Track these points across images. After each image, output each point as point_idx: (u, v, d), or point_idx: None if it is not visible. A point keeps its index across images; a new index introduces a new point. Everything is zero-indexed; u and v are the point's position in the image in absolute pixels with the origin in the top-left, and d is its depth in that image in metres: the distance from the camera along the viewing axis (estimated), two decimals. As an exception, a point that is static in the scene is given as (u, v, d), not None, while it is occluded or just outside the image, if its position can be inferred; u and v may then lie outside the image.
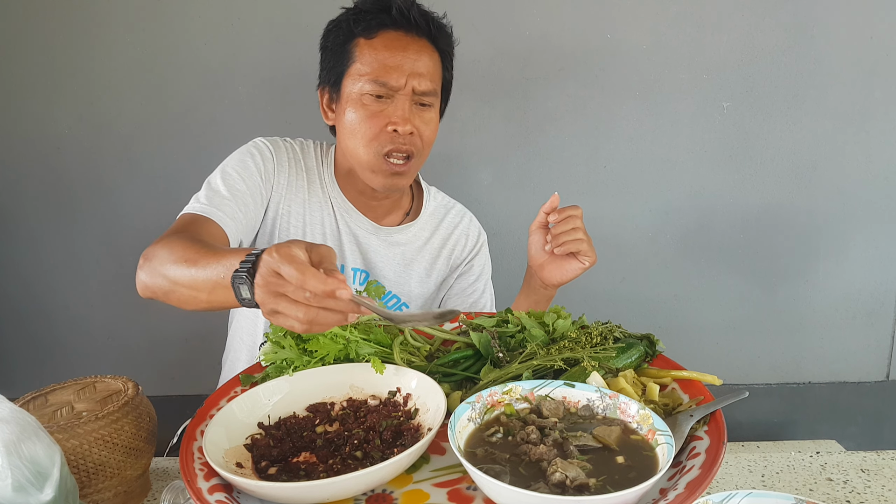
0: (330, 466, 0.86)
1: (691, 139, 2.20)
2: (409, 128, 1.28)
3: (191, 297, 0.97)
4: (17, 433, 0.84)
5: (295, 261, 0.78)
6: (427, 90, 1.29)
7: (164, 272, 1.00)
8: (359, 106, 1.29)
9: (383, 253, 1.46)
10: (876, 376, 2.46)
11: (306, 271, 0.77)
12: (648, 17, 2.09)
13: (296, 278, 0.76)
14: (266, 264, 0.79)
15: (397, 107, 1.28)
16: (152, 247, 1.06)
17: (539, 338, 1.04)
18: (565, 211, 1.30)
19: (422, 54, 1.29)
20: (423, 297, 1.52)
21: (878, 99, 2.17)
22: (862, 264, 2.33)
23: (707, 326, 2.37)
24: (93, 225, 2.20)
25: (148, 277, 1.04)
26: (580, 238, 1.29)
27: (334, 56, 1.33)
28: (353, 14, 1.31)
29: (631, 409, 0.87)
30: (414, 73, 1.27)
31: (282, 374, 1.03)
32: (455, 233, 1.55)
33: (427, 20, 1.30)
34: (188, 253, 0.98)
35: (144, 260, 1.05)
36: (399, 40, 1.28)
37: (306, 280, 0.76)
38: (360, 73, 1.28)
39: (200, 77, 2.08)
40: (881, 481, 1.07)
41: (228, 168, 1.32)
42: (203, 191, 1.27)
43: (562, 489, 0.74)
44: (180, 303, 1.00)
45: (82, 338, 2.29)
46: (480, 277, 1.58)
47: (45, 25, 2.02)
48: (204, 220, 1.19)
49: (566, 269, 1.34)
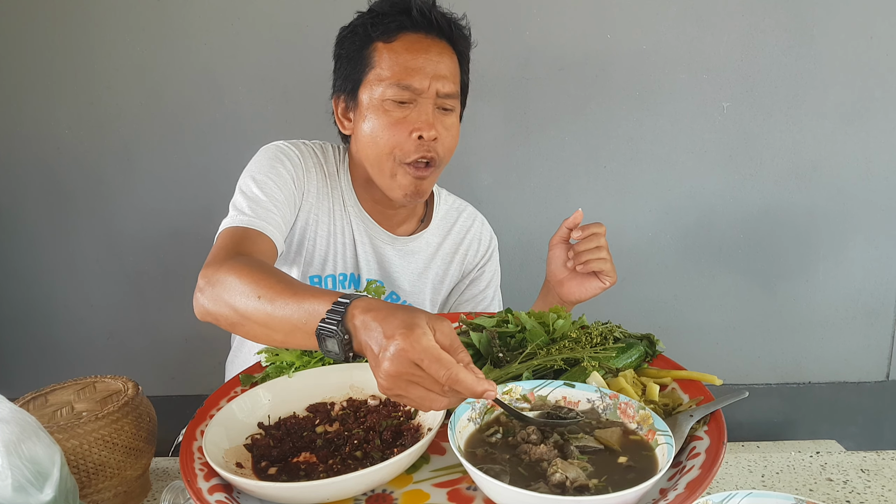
0: (330, 466, 0.86)
1: (691, 139, 2.20)
2: (433, 133, 1.22)
3: (264, 334, 0.91)
4: (17, 433, 0.84)
5: (441, 359, 0.71)
6: (450, 92, 1.25)
7: (232, 303, 0.92)
8: (380, 112, 1.23)
9: (398, 263, 1.43)
10: (876, 376, 2.46)
11: (458, 373, 0.71)
12: (648, 17, 2.09)
13: (444, 378, 0.71)
14: (402, 353, 0.72)
15: (421, 111, 1.23)
16: (215, 269, 0.98)
17: (539, 338, 1.04)
18: (589, 228, 1.26)
19: (443, 56, 1.24)
20: (435, 304, 1.50)
21: (878, 99, 2.17)
22: (862, 264, 2.33)
23: (707, 326, 2.37)
24: (93, 225, 2.20)
25: (211, 304, 0.97)
26: (604, 257, 1.26)
27: (350, 63, 1.28)
28: (369, 18, 1.25)
29: (631, 410, 0.87)
30: (437, 75, 1.22)
31: (282, 374, 1.03)
32: (467, 237, 1.51)
33: (448, 21, 1.26)
34: (261, 287, 0.90)
35: (207, 284, 0.98)
36: (420, 42, 1.23)
37: (457, 383, 0.71)
38: (380, 77, 1.23)
39: (200, 77, 2.08)
40: (881, 481, 1.07)
41: (260, 175, 1.26)
42: (242, 200, 1.21)
43: (562, 489, 0.74)
44: (249, 336, 0.94)
45: (82, 338, 2.29)
46: (490, 284, 1.54)
47: (44, 25, 2.02)
48: (256, 234, 1.15)
49: (586, 287, 1.31)
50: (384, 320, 0.76)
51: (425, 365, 0.71)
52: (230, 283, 0.94)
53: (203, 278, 0.99)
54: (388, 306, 0.78)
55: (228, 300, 0.93)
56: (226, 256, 1.04)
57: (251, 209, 1.19)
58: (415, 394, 0.74)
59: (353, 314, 0.79)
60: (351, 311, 0.79)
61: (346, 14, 1.32)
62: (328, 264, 1.37)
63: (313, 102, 1.40)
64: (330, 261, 1.37)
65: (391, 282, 1.43)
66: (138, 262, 2.23)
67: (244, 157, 1.34)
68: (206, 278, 0.98)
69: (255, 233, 1.15)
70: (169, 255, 2.22)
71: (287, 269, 1.36)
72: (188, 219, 2.18)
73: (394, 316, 0.75)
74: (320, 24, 1.36)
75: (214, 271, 0.98)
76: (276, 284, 0.90)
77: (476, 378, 0.73)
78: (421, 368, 0.72)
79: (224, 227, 1.17)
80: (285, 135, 1.48)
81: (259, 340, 0.94)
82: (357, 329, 0.78)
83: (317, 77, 1.40)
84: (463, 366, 0.73)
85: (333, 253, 1.37)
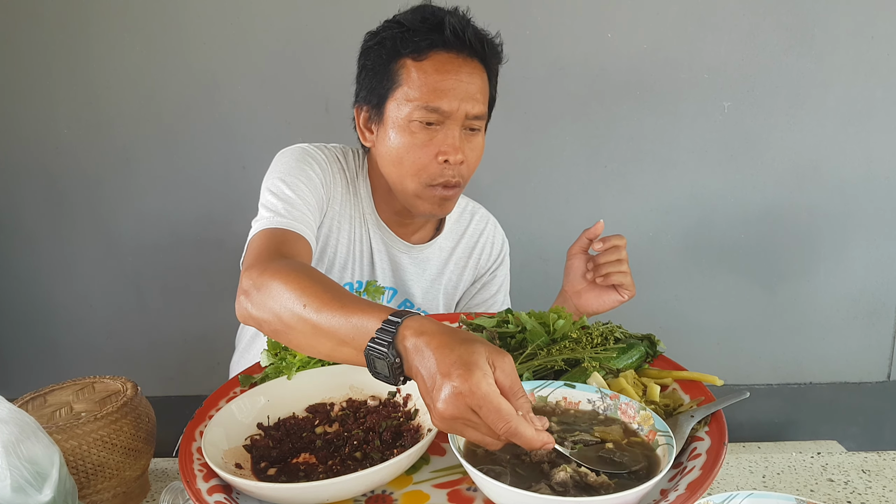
0: (329, 467, 0.86)
1: (692, 139, 2.19)
2: (460, 157, 1.19)
3: (308, 345, 0.87)
4: (15, 434, 0.84)
5: (501, 411, 0.67)
6: (479, 113, 1.21)
7: (277, 311, 0.87)
8: (406, 133, 1.19)
9: (412, 271, 1.41)
10: (877, 377, 2.46)
11: (517, 427, 0.68)
12: (649, 17, 2.09)
13: (503, 431, 0.67)
14: (460, 398, 0.67)
15: (447, 134, 1.19)
16: (260, 273, 0.93)
17: (539, 338, 1.04)
18: (610, 240, 1.24)
19: (474, 76, 1.20)
20: (449, 309, 1.48)
21: (878, 99, 2.17)
22: (863, 264, 2.33)
23: (708, 327, 2.37)
24: (92, 225, 2.19)
25: (256, 310, 0.91)
26: (624, 270, 1.24)
27: (376, 76, 1.23)
28: (398, 32, 1.19)
29: (631, 410, 0.87)
30: (467, 96, 1.18)
31: (281, 374, 1.03)
32: (480, 240, 1.48)
33: (481, 41, 1.21)
34: (307, 295, 0.85)
35: (253, 287, 0.92)
36: (451, 62, 1.18)
37: (516, 436, 0.68)
38: (407, 97, 1.18)
39: (200, 77, 2.08)
40: (882, 482, 1.07)
41: (290, 177, 1.22)
42: (275, 202, 1.17)
43: (564, 489, 0.74)
44: (292, 346, 0.90)
45: (81, 338, 2.29)
46: (501, 289, 1.52)
47: (43, 26, 2.02)
48: (295, 237, 1.11)
49: (604, 299, 1.29)
50: (439, 350, 0.70)
51: (483, 414, 0.68)
52: (275, 289, 0.89)
53: (248, 279, 0.93)
54: (442, 330, 0.73)
55: (272, 307, 0.88)
56: (269, 258, 1.00)
57: (287, 210, 1.15)
58: (470, 435, 0.71)
59: (405, 335, 0.74)
60: (402, 332, 0.74)
61: (346, 15, 1.32)
62: (347, 271, 1.36)
63: (313, 103, 1.39)
64: (349, 268, 1.36)
65: (405, 289, 1.41)
66: (137, 262, 2.23)
67: (243, 158, 1.34)
68: (252, 280, 0.93)
69: (295, 235, 1.11)
70: (168, 255, 2.21)
71: None
72: (187, 219, 2.18)
73: (451, 348, 0.70)
74: (320, 25, 1.36)
75: (259, 273, 0.93)
76: (324, 294, 0.85)
77: (535, 432, 0.69)
78: (478, 415, 0.68)
79: (259, 227, 1.13)
80: (284, 136, 1.48)
81: (303, 351, 0.89)
82: (409, 352, 0.73)
83: (317, 78, 1.39)
84: (523, 414, 0.70)
85: (352, 260, 1.36)
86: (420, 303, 1.43)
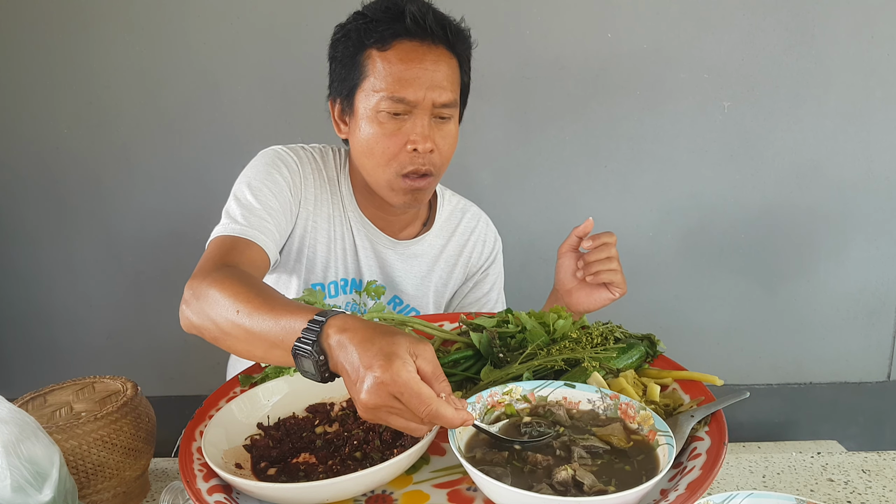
0: (329, 467, 0.86)
1: (692, 139, 2.19)
2: (429, 145, 1.19)
3: (244, 350, 0.89)
4: (15, 433, 0.84)
5: (421, 395, 0.71)
6: (447, 101, 1.20)
7: (214, 318, 0.91)
8: (375, 123, 1.20)
9: (400, 267, 1.41)
10: (877, 376, 2.46)
11: (437, 408, 0.71)
12: (649, 16, 2.09)
13: (424, 413, 0.71)
14: (382, 387, 0.70)
15: (416, 123, 1.19)
16: (199, 282, 0.96)
17: (539, 338, 1.04)
18: (600, 238, 1.23)
19: (440, 63, 1.19)
20: (439, 307, 1.48)
21: (878, 99, 2.17)
22: (863, 264, 2.33)
23: (708, 327, 2.37)
24: (92, 224, 2.20)
25: (196, 318, 0.95)
26: (614, 268, 1.23)
27: (345, 68, 1.24)
28: (363, 24, 1.20)
29: (631, 410, 0.87)
30: (433, 85, 1.18)
31: (281, 374, 1.03)
32: (471, 239, 1.48)
33: (444, 27, 1.20)
34: (240, 300, 0.88)
35: (192, 296, 0.96)
36: (415, 51, 1.18)
37: (438, 418, 0.72)
38: (374, 88, 1.18)
39: (200, 77, 2.08)
40: (882, 482, 1.07)
41: (256, 182, 1.24)
42: (235, 208, 1.20)
43: (566, 489, 0.74)
44: (232, 351, 0.92)
45: (81, 338, 2.29)
46: (494, 287, 1.52)
47: (43, 26, 2.02)
48: (245, 244, 1.13)
49: (595, 297, 1.29)
50: (361, 344, 0.73)
51: (405, 399, 0.71)
52: (212, 296, 0.92)
53: (189, 290, 0.97)
54: (365, 326, 0.76)
55: (210, 314, 0.91)
56: (212, 268, 1.02)
57: (244, 217, 1.17)
58: (395, 423, 0.74)
59: (328, 333, 0.76)
60: (326, 330, 0.76)
61: (345, 14, 1.31)
62: (330, 271, 1.36)
63: (313, 102, 1.39)
64: (332, 267, 1.36)
65: (394, 286, 1.42)
66: (137, 262, 2.23)
67: (243, 157, 1.34)
68: (192, 290, 0.96)
69: (246, 242, 1.13)
70: (168, 255, 2.22)
71: (287, 278, 1.35)
72: (187, 218, 2.18)
73: (371, 341, 0.73)
74: (320, 24, 1.35)
75: (199, 282, 0.96)
76: (255, 298, 0.87)
77: (455, 411, 0.73)
78: (401, 402, 0.71)
79: (215, 235, 1.16)
80: (285, 135, 1.48)
81: (241, 356, 0.91)
82: (333, 349, 0.76)
83: (316, 77, 1.39)
84: (445, 396, 0.73)
85: (334, 259, 1.36)
86: (410, 300, 1.43)
